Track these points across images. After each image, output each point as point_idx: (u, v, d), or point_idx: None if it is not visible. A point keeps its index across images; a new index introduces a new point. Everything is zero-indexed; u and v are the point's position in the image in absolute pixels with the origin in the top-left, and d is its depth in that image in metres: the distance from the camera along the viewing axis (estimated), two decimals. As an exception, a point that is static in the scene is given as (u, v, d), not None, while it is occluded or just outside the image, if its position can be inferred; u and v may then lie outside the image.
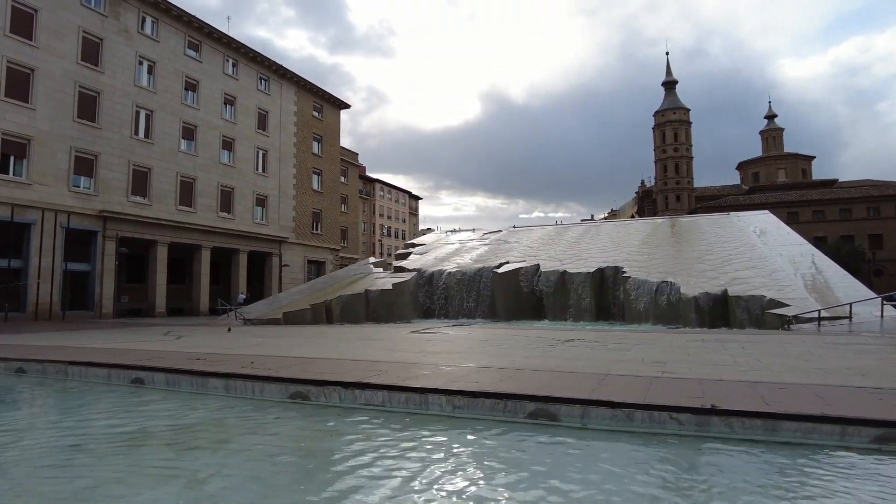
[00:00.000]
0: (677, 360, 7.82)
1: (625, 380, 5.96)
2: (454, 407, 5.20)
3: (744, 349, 9.20)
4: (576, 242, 31.84)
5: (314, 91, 45.16)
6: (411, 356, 8.57)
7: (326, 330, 17.71)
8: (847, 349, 9.10)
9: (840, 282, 18.16)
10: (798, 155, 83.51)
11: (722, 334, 12.91)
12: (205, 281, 33.94)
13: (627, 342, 10.75)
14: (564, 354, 8.63)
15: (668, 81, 75.54)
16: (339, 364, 7.53)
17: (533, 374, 6.43)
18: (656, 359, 7.90)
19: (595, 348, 9.56)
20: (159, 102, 31.50)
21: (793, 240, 25.44)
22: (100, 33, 28.22)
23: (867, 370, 6.69)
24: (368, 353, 9.24)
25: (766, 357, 8.13)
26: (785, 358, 8.00)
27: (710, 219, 35.49)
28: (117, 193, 28.80)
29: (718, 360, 7.83)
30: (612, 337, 12.20)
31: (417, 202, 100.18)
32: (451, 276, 27.31)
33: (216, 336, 14.41)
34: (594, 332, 14.61)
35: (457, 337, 12.86)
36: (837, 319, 14.67)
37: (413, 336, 12.90)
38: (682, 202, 68.78)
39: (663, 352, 8.87)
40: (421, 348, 9.88)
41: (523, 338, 12.04)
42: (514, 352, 9.13)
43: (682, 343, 10.47)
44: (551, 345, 10.17)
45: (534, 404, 4.92)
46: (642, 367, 7.08)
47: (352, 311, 24.69)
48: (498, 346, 10.46)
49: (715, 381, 5.84)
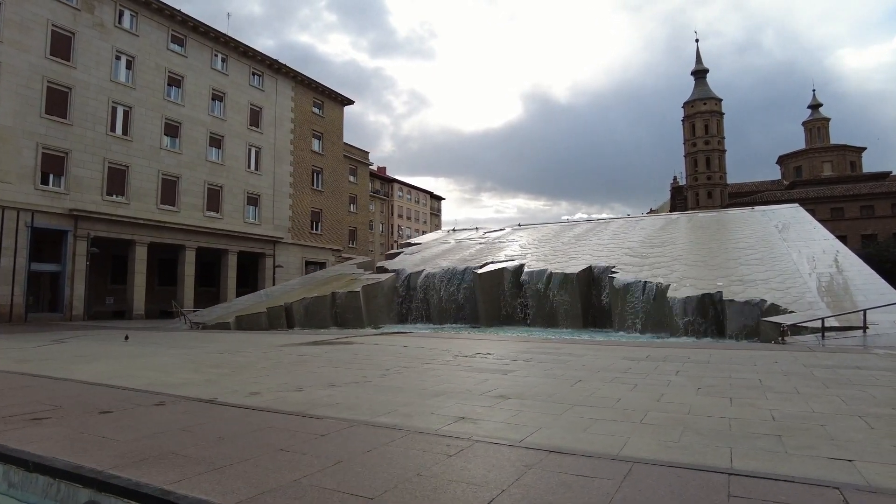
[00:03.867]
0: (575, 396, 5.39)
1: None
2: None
3: (651, 380, 6.66)
4: (576, 240, 29.11)
5: (314, 87, 43.75)
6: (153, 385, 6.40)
7: (225, 337, 15.73)
8: (827, 380, 6.43)
9: (863, 284, 14.96)
10: (846, 146, 76.99)
11: (686, 349, 10.22)
12: (189, 282, 32.82)
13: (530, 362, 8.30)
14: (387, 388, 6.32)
15: (698, 70, 70.58)
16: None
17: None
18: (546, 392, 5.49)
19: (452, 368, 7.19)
20: (139, 98, 30.55)
21: (818, 235, 22.02)
22: (71, 27, 27.39)
23: (809, 429, 4.15)
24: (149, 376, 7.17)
25: (673, 394, 5.61)
26: (706, 395, 5.46)
27: (732, 214, 32.02)
28: (91, 192, 27.89)
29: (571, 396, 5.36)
30: (537, 359, 9.74)
31: (440, 203, 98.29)
32: (431, 277, 25.09)
33: (102, 343, 12.68)
34: (540, 343, 12.14)
35: (335, 358, 10.65)
36: (849, 330, 11.68)
37: (290, 351, 10.76)
38: (713, 199, 63.97)
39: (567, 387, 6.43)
40: (217, 371, 7.73)
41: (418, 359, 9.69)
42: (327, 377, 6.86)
43: (603, 364, 7.95)
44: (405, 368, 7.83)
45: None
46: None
47: (316, 315, 22.80)
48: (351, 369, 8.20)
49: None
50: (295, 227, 41.20)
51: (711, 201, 64.10)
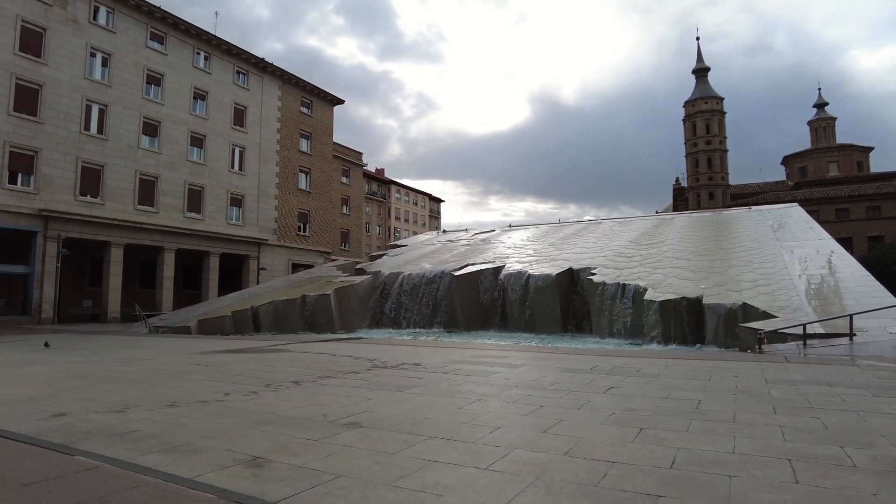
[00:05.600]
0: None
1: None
2: None
3: (565, 401, 5.58)
4: (564, 241, 28.00)
5: (301, 86, 42.93)
6: None
7: (161, 343, 14.78)
8: (782, 402, 5.33)
9: (855, 286, 13.76)
10: (853, 146, 75.15)
11: (644, 359, 9.11)
12: (169, 285, 31.99)
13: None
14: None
15: (699, 69, 69.02)
16: None
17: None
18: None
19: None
20: (115, 96, 29.79)
21: (813, 235, 20.79)
22: (42, 23, 26.68)
23: (706, 483, 3.08)
24: None
25: (572, 422, 4.55)
26: (613, 425, 4.38)
27: (727, 214, 30.80)
28: (62, 192, 27.12)
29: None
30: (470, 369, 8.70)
31: (439, 205, 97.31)
32: (409, 279, 24.06)
33: (15, 351, 11.75)
34: (485, 351, 11.07)
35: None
36: (834, 338, 10.51)
37: (198, 360, 9.70)
38: (715, 200, 62.38)
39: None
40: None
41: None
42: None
43: (531, 378, 6.87)
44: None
45: None
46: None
47: (286, 318, 21.84)
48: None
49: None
50: (281, 228, 40.33)
51: (713, 202, 62.62)
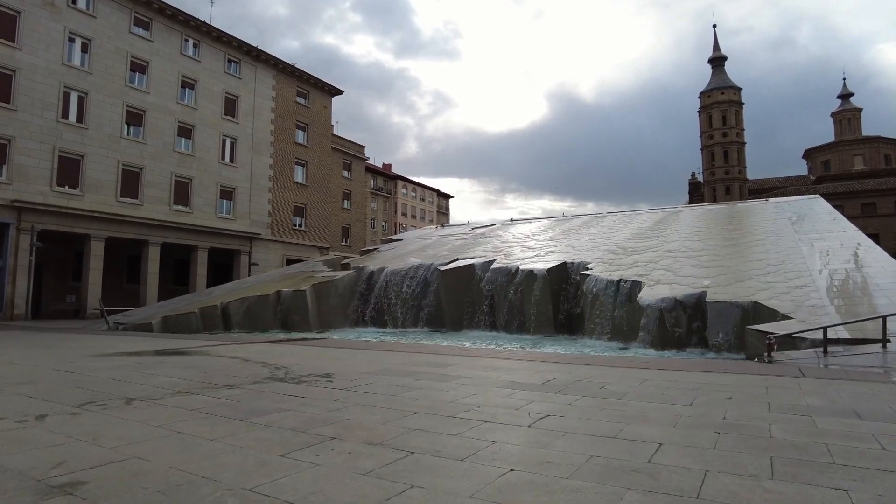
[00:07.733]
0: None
1: None
2: None
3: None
4: (566, 235, 26.20)
5: (297, 75, 41.52)
6: None
7: (95, 341, 13.28)
8: (787, 447, 3.58)
9: (888, 283, 11.79)
10: (880, 138, 71.69)
11: (619, 369, 7.33)
12: (153, 280, 30.83)
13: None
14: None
15: (716, 58, 66.02)
16: None
17: None
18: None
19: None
20: (96, 84, 28.63)
21: (836, 227, 18.71)
22: (16, 6, 25.55)
23: None
24: None
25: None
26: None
27: (742, 206, 28.64)
28: (37, 182, 26.02)
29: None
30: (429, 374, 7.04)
31: (447, 201, 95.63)
32: (394, 274, 22.44)
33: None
34: (427, 356, 9.38)
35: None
36: (862, 344, 8.64)
37: (79, 365, 8.14)
38: (732, 194, 59.64)
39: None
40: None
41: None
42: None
43: (445, 398, 5.18)
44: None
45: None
46: None
47: (259, 316, 20.39)
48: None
49: None
50: (275, 222, 39.03)
51: (730, 197, 59.97)
